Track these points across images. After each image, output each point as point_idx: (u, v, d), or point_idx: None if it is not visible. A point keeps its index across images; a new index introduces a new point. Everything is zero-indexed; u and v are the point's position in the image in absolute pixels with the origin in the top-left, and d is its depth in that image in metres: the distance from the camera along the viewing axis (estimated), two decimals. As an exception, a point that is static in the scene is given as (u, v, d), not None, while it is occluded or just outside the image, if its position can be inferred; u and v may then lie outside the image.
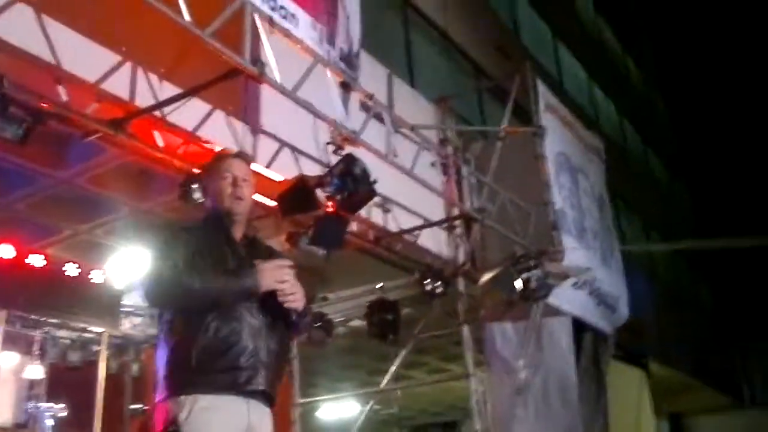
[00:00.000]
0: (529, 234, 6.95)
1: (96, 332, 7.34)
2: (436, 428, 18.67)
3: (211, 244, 2.62)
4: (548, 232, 7.15)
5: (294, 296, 2.57)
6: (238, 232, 2.72)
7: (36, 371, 7.21)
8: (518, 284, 6.40)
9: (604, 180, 9.64)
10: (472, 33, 10.33)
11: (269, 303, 2.54)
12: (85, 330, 7.36)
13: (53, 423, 6.99)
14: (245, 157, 2.90)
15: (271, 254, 2.80)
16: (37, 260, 6.28)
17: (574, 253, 7.35)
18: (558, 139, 8.12)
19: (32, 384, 7.37)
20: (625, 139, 17.87)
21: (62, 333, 7.65)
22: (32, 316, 6.76)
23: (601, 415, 8.42)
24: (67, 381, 7.59)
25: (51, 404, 7.00)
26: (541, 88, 8.00)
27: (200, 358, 2.41)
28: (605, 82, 16.78)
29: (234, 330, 2.47)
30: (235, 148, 2.83)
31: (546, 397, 7.16)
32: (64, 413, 7.07)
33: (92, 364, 7.50)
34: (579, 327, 7.98)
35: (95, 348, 7.74)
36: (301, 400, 7.68)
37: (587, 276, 7.63)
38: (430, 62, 9.27)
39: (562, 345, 7.41)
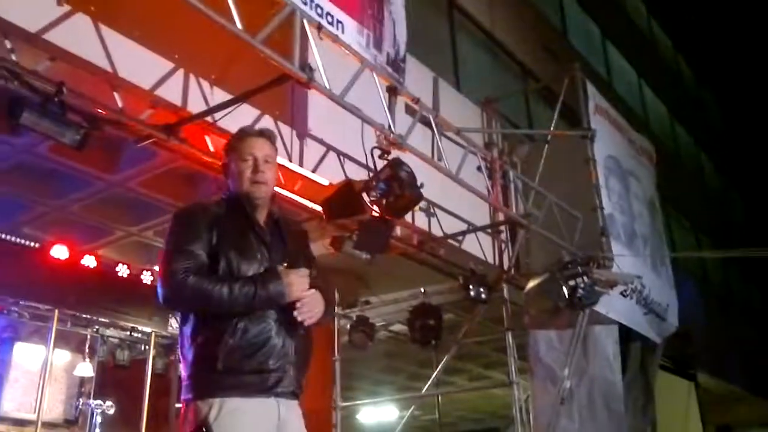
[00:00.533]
0: (576, 240, 6.83)
1: (144, 332, 7.48)
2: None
3: (235, 228, 2.50)
4: (597, 238, 7.02)
5: (310, 313, 2.46)
6: (262, 215, 2.61)
7: (86, 369, 7.40)
8: (565, 291, 6.30)
9: (654, 184, 9.43)
10: (518, 34, 10.22)
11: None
12: (134, 329, 7.52)
13: (102, 420, 7.15)
14: (269, 136, 2.71)
15: (296, 237, 2.71)
16: (89, 261, 6.42)
17: (624, 259, 7.20)
18: (608, 142, 7.97)
19: (82, 381, 7.57)
20: (677, 141, 17.46)
21: (111, 332, 7.83)
22: (83, 315, 6.92)
23: (648, 426, 8.23)
24: (115, 379, 7.77)
25: (100, 401, 7.16)
26: (591, 89, 7.86)
27: (228, 360, 2.33)
28: (656, 83, 16.42)
29: (262, 330, 2.39)
30: (255, 128, 2.64)
31: (591, 406, 7.02)
32: (112, 410, 7.22)
33: (140, 363, 7.65)
34: (626, 336, 7.81)
35: (143, 347, 7.90)
36: (342, 404, 7.68)
37: (636, 284, 7.46)
38: (476, 64, 9.20)
39: (609, 354, 7.26)
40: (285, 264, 2.49)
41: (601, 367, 7.14)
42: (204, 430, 2.30)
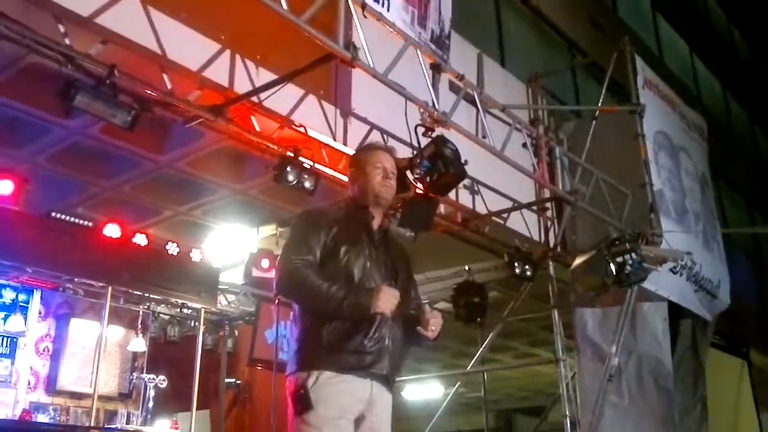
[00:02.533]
0: (624, 216, 6.72)
1: (194, 308, 7.66)
2: (523, 413, 18.53)
3: (350, 230, 2.74)
4: (645, 214, 6.89)
5: (435, 331, 2.71)
6: (376, 222, 2.85)
7: (139, 344, 7.62)
8: (612, 268, 6.22)
9: (706, 159, 9.20)
10: (565, 8, 10.01)
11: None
12: (184, 306, 7.70)
13: (154, 393, 7.37)
14: (392, 152, 2.99)
15: (402, 252, 2.96)
16: (140, 239, 6.58)
17: (673, 236, 7.06)
18: (658, 117, 7.79)
19: (135, 356, 7.79)
20: (730, 115, 16.92)
21: (163, 309, 8.04)
22: (136, 292, 7.10)
23: (699, 405, 8.11)
24: (167, 355, 7.98)
25: (152, 375, 7.37)
26: (640, 63, 7.67)
27: (330, 339, 2.57)
28: (708, 56, 15.91)
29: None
30: (381, 143, 2.96)
31: (640, 383, 6.95)
32: (164, 384, 7.43)
33: (190, 339, 7.84)
34: (676, 313, 7.69)
35: (193, 324, 8.09)
36: (390, 380, 7.76)
37: (686, 260, 7.32)
38: (522, 40, 9.05)
39: (658, 331, 7.16)
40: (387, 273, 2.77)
41: (649, 344, 7.05)
42: (302, 392, 2.54)
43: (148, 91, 4.48)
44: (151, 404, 7.27)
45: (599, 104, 7.52)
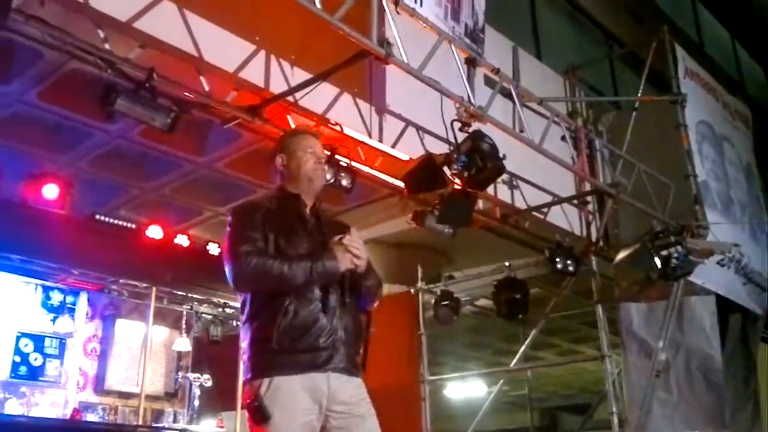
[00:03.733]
0: (668, 209, 6.58)
1: (235, 308, 7.72)
2: (568, 411, 18.30)
3: (284, 221, 2.68)
4: (690, 206, 6.74)
5: (357, 251, 2.59)
6: (308, 208, 2.78)
7: (184, 344, 7.72)
8: (657, 262, 6.08)
9: (751, 148, 8.96)
10: (601, -2, 9.86)
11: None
12: (225, 305, 7.78)
13: (199, 392, 7.46)
14: (318, 136, 2.95)
15: (334, 227, 2.80)
16: (182, 240, 6.67)
17: (720, 227, 6.89)
18: (700, 106, 7.61)
19: (180, 356, 7.91)
20: (774, 103, 16.46)
21: (205, 309, 8.14)
22: (179, 293, 7.21)
23: (750, 400, 7.89)
24: (210, 354, 8.08)
25: (197, 375, 7.46)
26: (680, 52, 7.51)
27: (281, 340, 2.48)
28: (751, 43, 15.48)
29: (312, 311, 2.54)
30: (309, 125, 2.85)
31: (689, 378, 6.79)
32: (209, 383, 7.51)
33: (233, 339, 7.92)
34: (725, 307, 7.49)
35: (235, 323, 8.17)
36: (430, 377, 7.73)
37: (734, 252, 7.13)
38: (557, 32, 8.93)
39: (706, 325, 6.98)
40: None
41: (697, 339, 6.89)
42: (257, 403, 2.45)
43: (186, 94, 4.54)
44: (196, 403, 7.38)
45: (639, 95, 7.38)
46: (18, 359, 6.68)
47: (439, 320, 7.71)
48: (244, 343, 2.61)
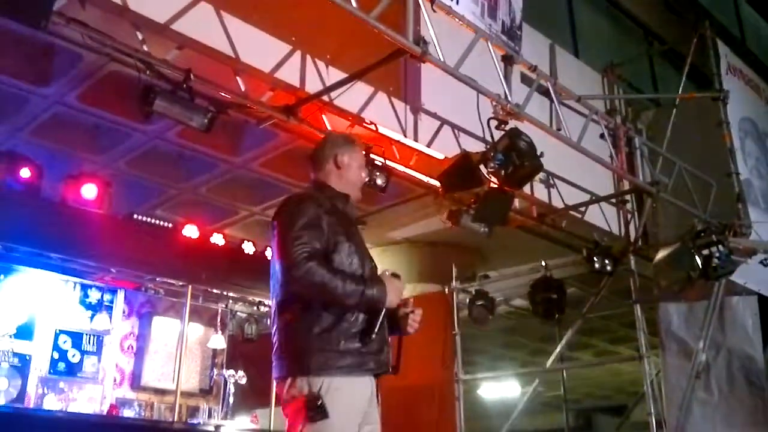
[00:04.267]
0: (709, 207, 6.44)
1: (270, 306, 7.77)
2: (603, 412, 18.06)
3: (342, 221, 2.66)
4: (732, 204, 6.60)
5: (415, 324, 2.70)
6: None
7: (219, 341, 7.77)
8: (698, 261, 5.96)
9: (796, 146, 8.72)
10: (639, -6, 9.68)
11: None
12: (260, 304, 7.81)
13: (234, 389, 7.50)
14: None
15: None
16: (217, 239, 6.72)
17: (763, 226, 6.73)
18: (743, 103, 7.45)
19: (215, 353, 7.97)
20: (819, 99, 16.02)
21: (240, 307, 8.18)
22: (214, 291, 7.26)
23: (793, 403, 7.68)
24: (245, 352, 8.12)
25: (232, 371, 7.50)
26: (722, 48, 7.35)
27: (341, 341, 2.50)
28: (794, 37, 15.08)
29: (372, 317, 2.55)
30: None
31: (731, 380, 6.64)
32: (244, 381, 7.55)
33: (267, 337, 7.95)
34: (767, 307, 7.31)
35: (269, 322, 8.21)
36: (464, 377, 7.67)
37: (778, 252, 6.95)
38: (595, 29, 8.79)
39: (748, 326, 6.81)
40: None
41: (739, 339, 6.73)
42: (319, 402, 2.43)
43: (223, 94, 4.57)
44: (231, 400, 7.42)
45: (679, 92, 7.23)
46: (56, 356, 6.79)
47: (474, 320, 7.65)
48: (291, 338, 2.56)
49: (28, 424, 5.17)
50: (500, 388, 14.52)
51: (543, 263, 7.41)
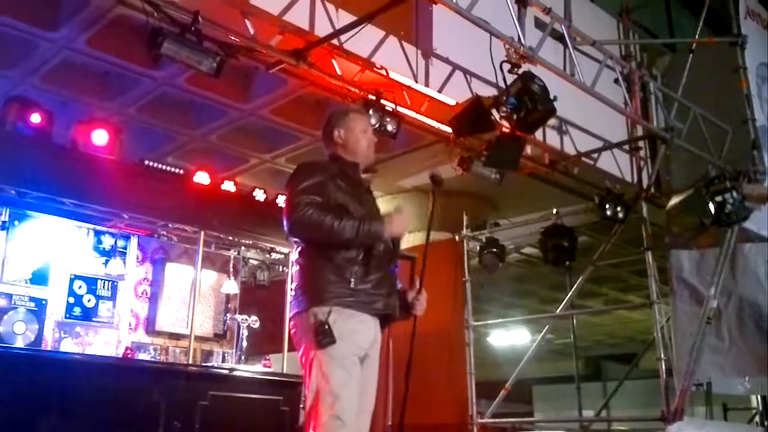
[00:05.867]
0: (724, 154, 6.36)
1: (282, 253, 7.81)
2: (613, 360, 18.26)
3: (351, 186, 2.90)
4: (747, 151, 6.52)
5: (422, 309, 2.97)
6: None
7: (232, 287, 7.84)
8: (711, 208, 5.92)
9: (816, 92, 8.55)
10: (657, -65, 9.39)
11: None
12: (272, 250, 7.85)
13: (247, 334, 7.61)
14: (367, 114, 3.30)
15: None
16: (229, 186, 6.72)
17: (778, 174, 6.65)
18: (761, 48, 7.28)
19: (228, 298, 8.06)
20: (841, 45, 15.64)
21: (252, 254, 8.24)
22: (227, 237, 7.28)
23: (803, 348, 7.72)
24: (257, 299, 8.21)
25: (245, 316, 7.59)
26: (741, -8, 7.15)
27: (353, 279, 2.74)
28: (817, -19, 14.66)
29: (380, 262, 2.82)
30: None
31: (741, 326, 6.67)
32: (256, 325, 7.65)
33: (279, 284, 8.02)
34: (781, 254, 7.29)
35: (281, 269, 8.27)
36: (474, 323, 7.75)
37: (792, 198, 6.88)
38: (612, -28, 8.57)
39: (760, 272, 6.81)
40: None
41: (751, 286, 6.73)
42: (326, 327, 2.67)
43: (232, 37, 4.51)
44: (244, 344, 7.52)
45: (696, 37, 7.07)
46: (72, 300, 6.87)
47: (485, 267, 7.68)
48: (305, 276, 2.82)
49: (47, 366, 5.27)
50: (510, 336, 14.68)
51: (554, 211, 7.39)
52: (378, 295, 2.79)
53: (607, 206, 6.46)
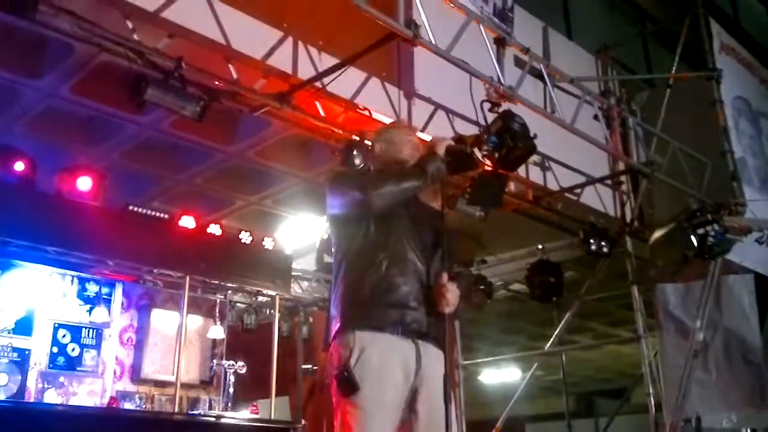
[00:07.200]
0: (704, 187, 6.45)
1: (269, 296, 7.78)
2: (604, 395, 18.14)
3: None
4: (727, 183, 6.61)
5: (450, 304, 2.61)
6: None
7: (218, 332, 7.79)
8: (694, 241, 5.98)
9: (790, 125, 8.72)
10: (632, -25, 9.65)
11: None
12: (259, 293, 7.82)
13: (234, 380, 7.52)
14: (413, 129, 3.27)
15: (425, 208, 2.91)
16: (215, 229, 6.71)
17: (757, 204, 6.74)
18: (736, 82, 7.44)
19: (215, 344, 7.98)
20: (813, 78, 15.99)
21: (239, 297, 8.20)
22: (212, 282, 7.25)
23: (791, 379, 7.73)
24: (244, 343, 8.14)
25: (232, 362, 7.52)
26: (715, 27, 7.34)
27: (372, 293, 2.55)
28: (789, 17, 15.06)
29: (402, 270, 2.60)
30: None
31: (728, 358, 6.69)
32: (244, 370, 7.57)
33: (266, 327, 7.97)
34: (764, 285, 7.33)
35: (268, 311, 8.23)
36: (464, 362, 7.71)
37: (774, 230, 6.97)
38: (589, 11, 8.76)
39: (744, 305, 6.86)
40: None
41: (736, 318, 6.76)
42: (346, 374, 2.44)
43: (216, 82, 4.55)
44: (231, 390, 7.43)
45: (673, 72, 7.22)
46: (56, 350, 6.80)
47: (473, 305, 7.67)
48: (335, 301, 2.68)
49: (30, 418, 5.18)
50: (501, 374, 14.57)
51: (540, 247, 7.42)
52: (407, 308, 2.55)
53: (592, 241, 6.50)
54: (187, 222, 6.45)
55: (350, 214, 2.70)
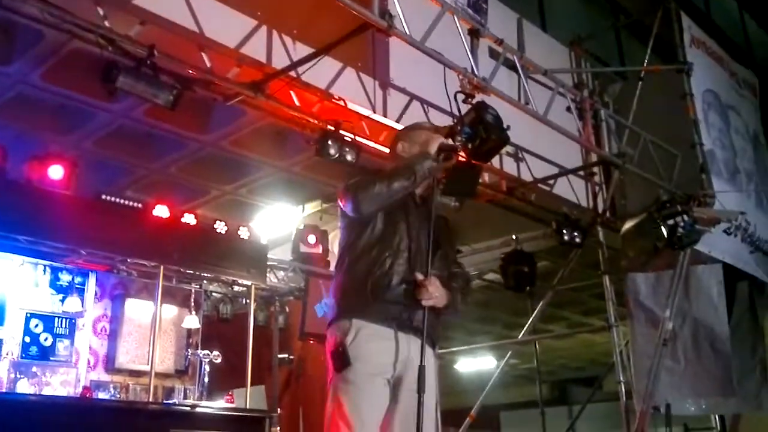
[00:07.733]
0: (674, 178, 6.56)
1: (244, 286, 7.77)
2: (577, 383, 18.40)
3: (404, 202, 2.83)
4: (696, 175, 6.71)
5: (429, 298, 2.66)
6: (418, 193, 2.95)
7: (193, 321, 7.77)
8: (664, 231, 6.08)
9: (758, 117, 8.88)
10: (606, -33, 9.72)
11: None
12: (234, 283, 7.81)
13: (210, 369, 7.51)
14: (438, 131, 3.14)
15: (438, 220, 2.93)
16: (189, 219, 6.68)
17: (726, 196, 6.86)
18: (706, 75, 7.54)
19: (190, 333, 7.96)
20: (783, 72, 16.26)
21: (214, 287, 8.17)
22: (187, 271, 7.23)
23: (758, 367, 7.90)
24: (220, 332, 8.13)
25: (207, 351, 7.50)
26: (686, 21, 7.42)
27: (374, 288, 2.64)
28: (759, 11, 15.27)
29: (404, 268, 2.70)
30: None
31: (696, 347, 6.82)
32: (219, 360, 7.56)
33: (242, 317, 7.96)
34: (732, 275, 7.49)
35: (244, 301, 8.22)
36: (439, 351, 7.76)
37: (740, 220, 7.11)
38: (563, 3, 8.83)
39: (713, 294, 6.99)
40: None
41: (704, 307, 6.90)
42: (341, 349, 2.59)
43: (189, 70, 4.53)
44: (206, 380, 7.42)
45: (644, 65, 7.31)
46: (28, 339, 6.74)
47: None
48: (336, 286, 2.78)
49: (2, 409, 5.13)
50: (476, 363, 14.72)
51: (514, 237, 7.50)
52: (404, 304, 2.64)
53: (565, 231, 6.58)
54: (161, 211, 6.41)
55: (355, 219, 2.78)
